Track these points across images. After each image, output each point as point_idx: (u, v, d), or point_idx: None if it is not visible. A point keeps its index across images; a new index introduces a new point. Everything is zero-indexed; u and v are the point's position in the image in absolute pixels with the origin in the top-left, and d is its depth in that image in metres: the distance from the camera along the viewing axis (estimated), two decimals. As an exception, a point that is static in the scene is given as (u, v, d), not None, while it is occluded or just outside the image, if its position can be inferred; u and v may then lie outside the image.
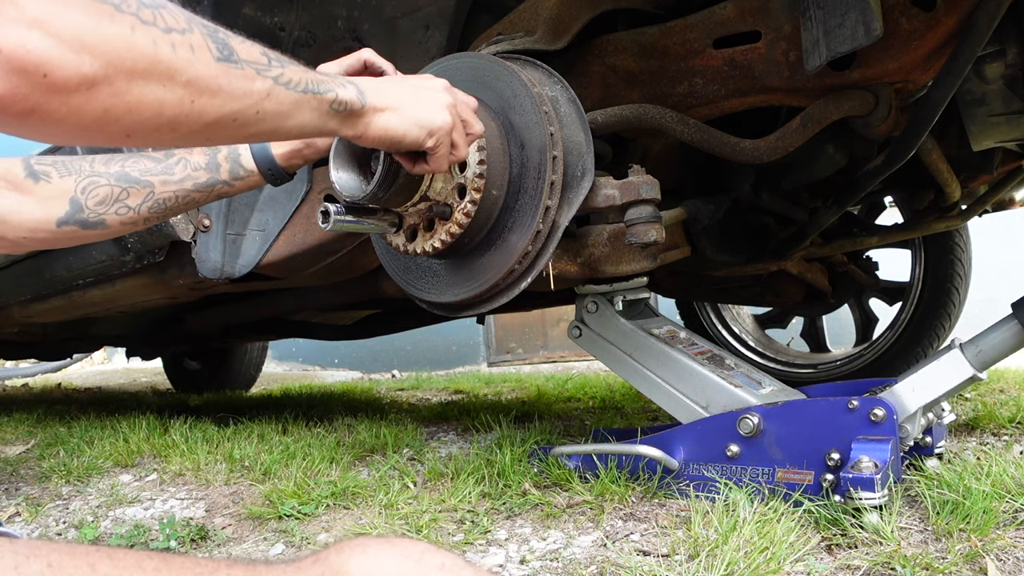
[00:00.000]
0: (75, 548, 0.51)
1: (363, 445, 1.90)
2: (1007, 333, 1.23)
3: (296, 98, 0.73)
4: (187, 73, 0.62)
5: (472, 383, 4.10)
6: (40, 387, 5.44)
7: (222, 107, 0.66)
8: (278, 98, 0.71)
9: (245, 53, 0.68)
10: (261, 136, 0.74)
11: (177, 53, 0.61)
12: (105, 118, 0.59)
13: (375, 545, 0.58)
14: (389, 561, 0.56)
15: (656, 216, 1.20)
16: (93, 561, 0.50)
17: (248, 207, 1.65)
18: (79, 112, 0.57)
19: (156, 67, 0.60)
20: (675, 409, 1.39)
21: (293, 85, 0.72)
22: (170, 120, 0.63)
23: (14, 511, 1.54)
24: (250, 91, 0.68)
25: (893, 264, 2.62)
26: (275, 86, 0.70)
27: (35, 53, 0.53)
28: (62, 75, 0.55)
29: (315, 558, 0.57)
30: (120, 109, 0.59)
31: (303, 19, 1.55)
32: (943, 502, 1.09)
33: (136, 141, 0.64)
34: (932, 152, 1.55)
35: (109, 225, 1.03)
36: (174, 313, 2.92)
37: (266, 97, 0.69)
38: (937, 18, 1.08)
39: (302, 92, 0.73)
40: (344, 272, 1.77)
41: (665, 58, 1.31)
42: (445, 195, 1.10)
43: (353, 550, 0.57)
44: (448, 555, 0.59)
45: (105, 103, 0.58)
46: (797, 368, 2.62)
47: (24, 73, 0.53)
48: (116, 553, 0.52)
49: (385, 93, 0.84)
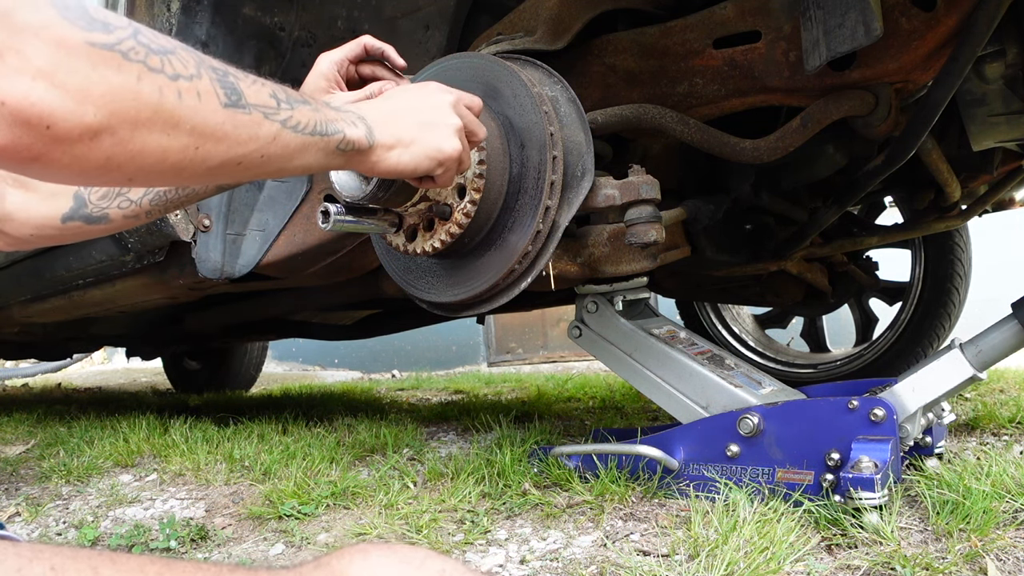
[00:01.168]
0: (78, 552, 0.51)
1: (363, 445, 1.90)
2: (1007, 333, 1.23)
3: (303, 141, 0.72)
4: (192, 121, 0.62)
5: (472, 383, 4.10)
6: (40, 387, 5.45)
7: (227, 152, 0.66)
8: (284, 142, 0.70)
9: (254, 96, 0.67)
10: (264, 176, 0.73)
11: (183, 101, 0.61)
12: (108, 166, 0.59)
13: (376, 551, 0.58)
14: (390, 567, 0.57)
15: (656, 216, 1.20)
16: (96, 564, 0.50)
17: (248, 207, 1.65)
18: (82, 160, 0.57)
19: (160, 116, 0.60)
20: (675, 409, 1.39)
21: (301, 128, 0.71)
22: (173, 166, 0.63)
23: (14, 511, 1.54)
24: (256, 136, 0.67)
25: (893, 264, 2.62)
26: (282, 130, 0.70)
27: (39, 105, 0.53)
28: (65, 127, 0.54)
29: (316, 563, 0.58)
30: (123, 157, 0.59)
31: (303, 19, 1.55)
32: (943, 502, 1.09)
33: (138, 184, 0.65)
34: (932, 152, 1.55)
35: (112, 219, 1.02)
36: (174, 313, 2.92)
37: (272, 141, 0.69)
38: (937, 18, 1.08)
39: (309, 135, 0.72)
40: (344, 272, 1.77)
41: (665, 58, 1.31)
42: (445, 195, 1.10)
43: (354, 556, 0.57)
44: (448, 561, 0.59)
45: (108, 152, 0.58)
46: (797, 368, 2.62)
47: (27, 125, 0.53)
48: (119, 557, 0.52)
49: (394, 127, 0.83)
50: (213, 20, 1.45)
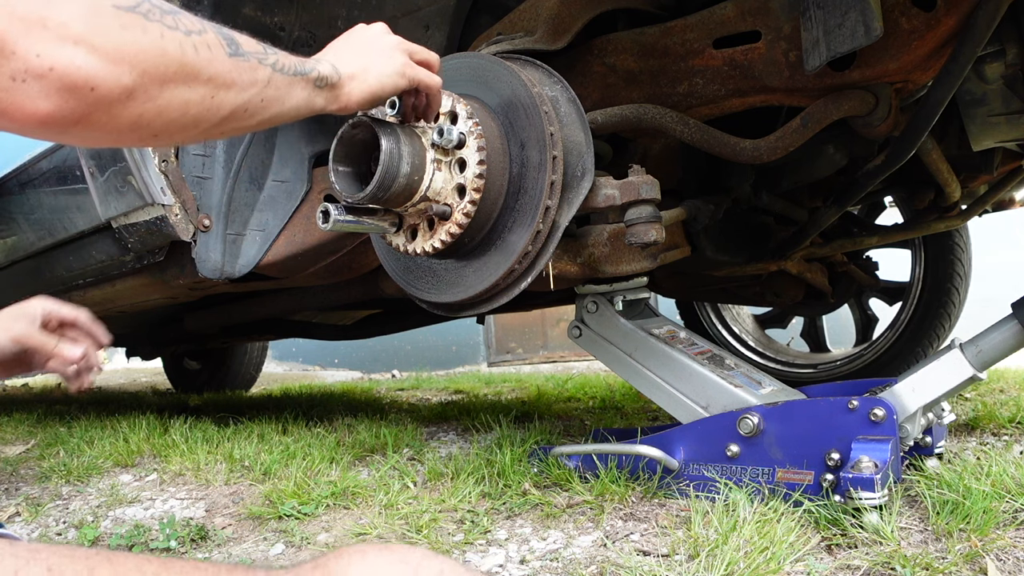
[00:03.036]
0: (75, 551, 0.51)
1: (363, 445, 1.90)
2: (1007, 333, 1.23)
3: (290, 81, 0.78)
4: (208, 71, 0.67)
5: (472, 383, 4.10)
6: (40, 387, 5.44)
7: (236, 99, 0.71)
8: (276, 84, 0.76)
9: (247, 45, 0.73)
10: (265, 123, 0.78)
11: (199, 54, 0.66)
12: (139, 123, 0.63)
13: (374, 552, 0.58)
14: (387, 568, 0.57)
15: (656, 216, 1.20)
16: (93, 565, 0.50)
17: (248, 207, 1.65)
18: (117, 120, 0.61)
19: (183, 70, 0.64)
20: (675, 409, 1.39)
21: (287, 69, 0.78)
22: (194, 118, 0.67)
23: (14, 511, 1.54)
24: (256, 80, 0.73)
25: (893, 264, 2.62)
26: (274, 73, 0.75)
27: (84, 70, 0.56)
28: (106, 88, 0.58)
29: (314, 564, 0.58)
30: (152, 113, 0.63)
31: (303, 19, 1.56)
32: (943, 502, 1.09)
33: (161, 140, 0.69)
34: (932, 152, 1.55)
35: None
36: (174, 313, 2.92)
37: (268, 84, 0.74)
38: (937, 18, 1.08)
39: (294, 75, 0.79)
40: (344, 272, 1.77)
41: (665, 58, 1.31)
42: (445, 195, 1.10)
43: (352, 557, 0.57)
44: (447, 561, 0.59)
45: (139, 109, 0.62)
46: (797, 368, 2.62)
47: (73, 89, 0.56)
48: (116, 557, 0.52)
49: (351, 61, 0.90)
50: (213, 19, 1.44)
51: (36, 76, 0.54)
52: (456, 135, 1.06)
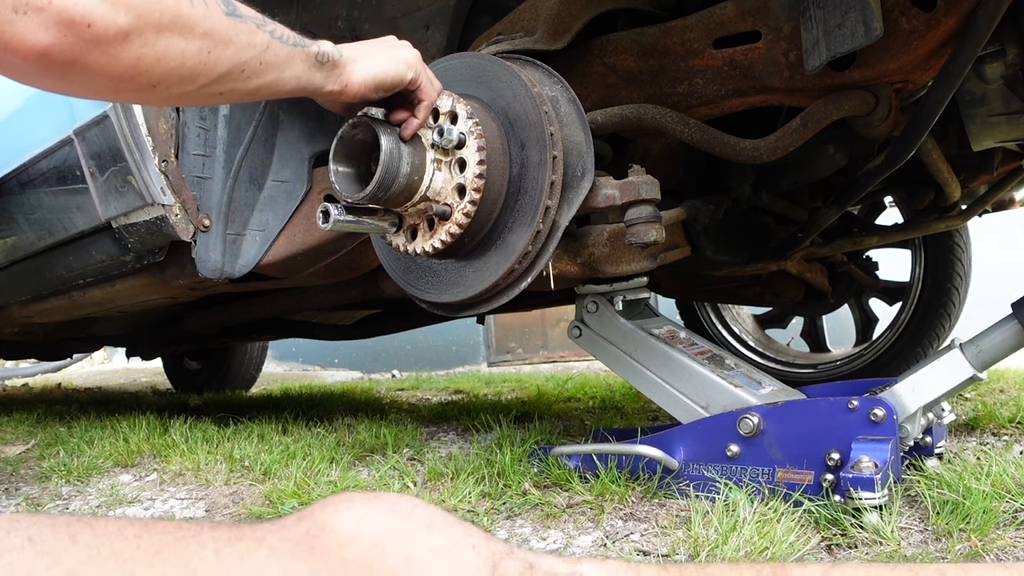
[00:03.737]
0: (56, 519, 0.51)
1: (363, 445, 1.90)
2: (1007, 333, 1.23)
3: (289, 51, 0.80)
4: (204, 26, 0.69)
5: (472, 383, 4.10)
6: (40, 387, 5.44)
7: (233, 57, 0.73)
8: (275, 50, 0.78)
9: (245, 10, 0.75)
10: (263, 89, 0.80)
11: (195, 8, 0.68)
12: (137, 68, 0.65)
13: (361, 500, 0.56)
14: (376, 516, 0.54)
15: (656, 216, 1.20)
16: (74, 532, 0.49)
17: (248, 207, 1.65)
18: (115, 62, 0.63)
19: (179, 20, 0.66)
20: (675, 409, 1.39)
21: (286, 39, 0.80)
22: (191, 70, 0.70)
23: (14, 511, 1.54)
24: (254, 43, 0.75)
25: (893, 264, 2.62)
26: (272, 39, 0.78)
27: (81, 5, 0.59)
28: (102, 26, 0.60)
29: (299, 516, 0.56)
30: (150, 59, 0.65)
31: (303, 19, 1.56)
32: (943, 502, 1.09)
33: (159, 92, 0.71)
34: (932, 152, 1.55)
35: None
36: (174, 313, 2.92)
37: (266, 49, 0.77)
38: (937, 18, 1.08)
39: (293, 46, 0.81)
40: (344, 272, 1.77)
41: (665, 58, 1.31)
42: (445, 195, 1.10)
43: (339, 506, 0.55)
44: (437, 512, 0.57)
45: (137, 53, 0.64)
46: (797, 368, 2.63)
47: (71, 25, 0.59)
48: (97, 523, 0.51)
49: (357, 48, 0.92)
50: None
51: (36, 8, 0.57)
52: (456, 135, 1.06)
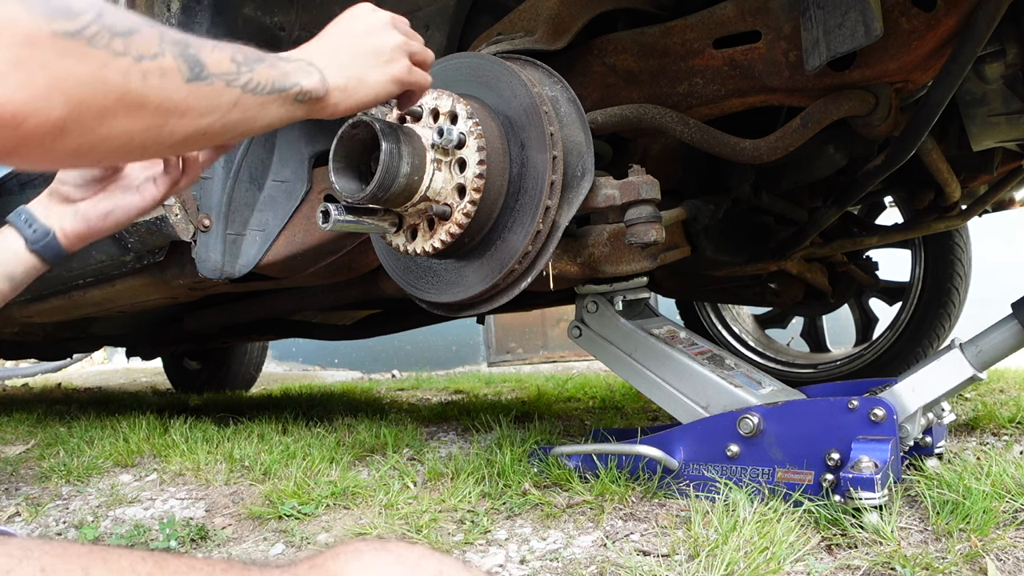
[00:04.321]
0: (68, 549, 0.50)
1: (363, 445, 1.90)
2: (1007, 333, 1.23)
3: (262, 101, 0.73)
4: (157, 100, 0.63)
5: (472, 383, 4.10)
6: (40, 387, 5.44)
7: (191, 125, 0.67)
8: (245, 106, 0.71)
9: (215, 65, 0.68)
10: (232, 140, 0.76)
11: (147, 82, 0.61)
12: (77, 152, 0.60)
13: (371, 550, 0.57)
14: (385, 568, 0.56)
15: (656, 216, 1.20)
16: (87, 564, 0.49)
17: (248, 207, 1.65)
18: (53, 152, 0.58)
19: (126, 99, 0.60)
20: (675, 409, 1.39)
21: (261, 88, 0.73)
22: (140, 145, 0.64)
23: (14, 511, 1.54)
24: (217, 106, 0.68)
25: (893, 264, 2.62)
26: (242, 95, 0.71)
27: (10, 105, 0.53)
28: (35, 122, 0.55)
29: (311, 563, 0.57)
30: (90, 145, 0.60)
31: (303, 19, 1.56)
32: (943, 502, 1.09)
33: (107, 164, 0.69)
34: (932, 152, 1.55)
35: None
36: (174, 313, 2.92)
37: (233, 107, 0.70)
38: (937, 18, 1.08)
39: (268, 94, 0.74)
40: (344, 272, 1.77)
41: (665, 58, 1.31)
42: (445, 195, 1.10)
43: (349, 556, 0.56)
44: (445, 560, 0.58)
45: (76, 142, 0.59)
46: (797, 368, 2.63)
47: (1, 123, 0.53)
48: (111, 555, 0.51)
49: (344, 69, 0.85)
50: (213, 20, 1.45)
51: None
52: (456, 135, 1.06)
